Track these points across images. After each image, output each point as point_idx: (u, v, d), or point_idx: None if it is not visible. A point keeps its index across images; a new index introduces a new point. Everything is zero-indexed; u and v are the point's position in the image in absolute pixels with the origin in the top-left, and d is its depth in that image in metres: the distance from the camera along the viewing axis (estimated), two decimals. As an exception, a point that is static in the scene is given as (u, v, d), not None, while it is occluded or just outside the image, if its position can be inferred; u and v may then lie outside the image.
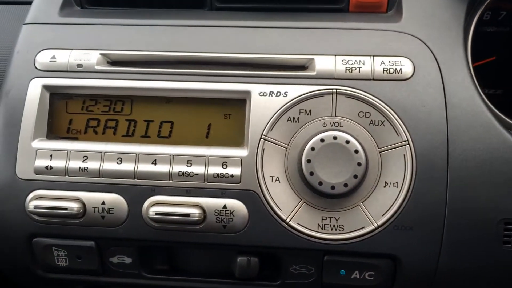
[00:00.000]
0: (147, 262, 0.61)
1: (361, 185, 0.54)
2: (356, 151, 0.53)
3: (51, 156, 0.59)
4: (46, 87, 0.60)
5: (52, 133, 0.61)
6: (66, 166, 0.58)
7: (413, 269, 0.56)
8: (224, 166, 0.56)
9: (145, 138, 0.60)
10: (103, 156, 0.58)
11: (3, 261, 0.62)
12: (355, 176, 0.53)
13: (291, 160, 0.56)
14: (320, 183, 0.53)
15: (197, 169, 0.57)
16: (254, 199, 0.56)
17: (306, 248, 0.56)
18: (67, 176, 0.58)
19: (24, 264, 0.61)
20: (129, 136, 0.60)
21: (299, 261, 0.58)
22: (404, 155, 0.55)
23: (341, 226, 0.55)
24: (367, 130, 0.56)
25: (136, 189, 0.57)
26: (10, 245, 0.60)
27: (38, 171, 0.58)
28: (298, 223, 0.55)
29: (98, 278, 0.62)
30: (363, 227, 0.55)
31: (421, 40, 0.58)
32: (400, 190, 0.54)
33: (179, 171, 0.57)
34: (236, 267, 0.58)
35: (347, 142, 0.53)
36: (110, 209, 0.57)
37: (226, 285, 0.61)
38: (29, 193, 0.58)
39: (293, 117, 0.57)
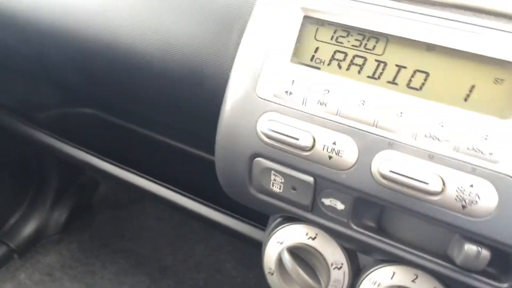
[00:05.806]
0: (357, 214, 0.58)
1: None
2: None
3: (293, 81, 0.57)
4: (303, 9, 0.57)
5: (296, 57, 0.58)
6: (306, 95, 0.56)
7: None
8: (485, 138, 0.48)
9: (392, 84, 0.54)
10: (345, 94, 0.54)
11: (225, 175, 0.65)
12: None
13: None
14: None
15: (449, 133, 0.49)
16: (510, 187, 0.47)
17: None
18: (304, 106, 0.56)
19: (241, 180, 0.63)
20: (374, 79, 0.55)
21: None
22: None
23: None
24: None
25: (373, 138, 0.52)
26: (234, 159, 0.62)
27: (277, 94, 0.57)
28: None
29: (305, 214, 0.61)
30: None
31: None
32: None
33: (427, 132, 0.50)
34: (460, 253, 0.51)
35: None
36: (340, 151, 0.54)
37: (443, 268, 0.54)
38: (264, 113, 0.58)
39: None
